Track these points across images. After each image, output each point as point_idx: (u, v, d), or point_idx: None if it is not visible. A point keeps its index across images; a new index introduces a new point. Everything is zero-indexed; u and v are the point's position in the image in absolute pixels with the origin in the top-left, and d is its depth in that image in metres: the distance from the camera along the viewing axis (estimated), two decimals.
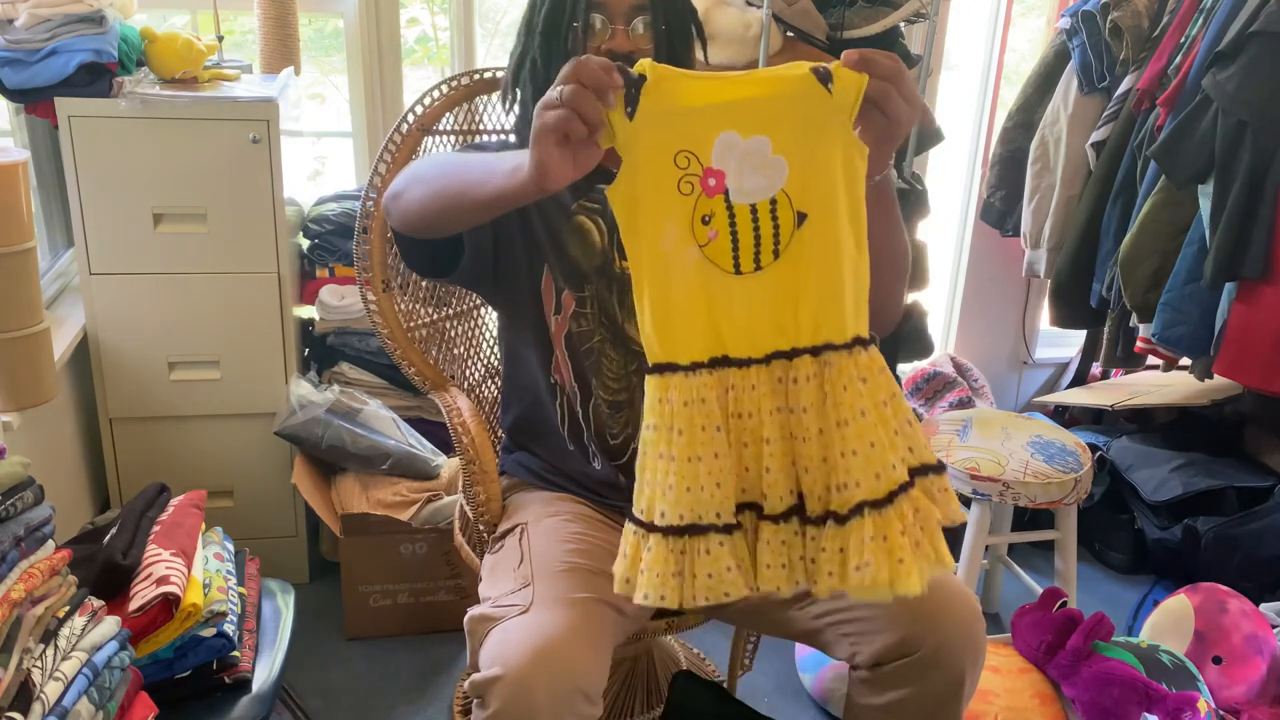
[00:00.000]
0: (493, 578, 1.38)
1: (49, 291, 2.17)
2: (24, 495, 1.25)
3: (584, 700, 1.17)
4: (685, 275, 1.10)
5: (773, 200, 1.09)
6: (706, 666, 2.08)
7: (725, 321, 1.10)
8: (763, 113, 1.07)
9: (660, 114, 1.04)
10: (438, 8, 3.02)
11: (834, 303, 1.10)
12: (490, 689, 1.16)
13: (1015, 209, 2.76)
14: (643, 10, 1.35)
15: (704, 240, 1.09)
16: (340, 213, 2.33)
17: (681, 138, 1.06)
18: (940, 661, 1.29)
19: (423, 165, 1.33)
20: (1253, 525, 2.35)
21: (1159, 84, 2.30)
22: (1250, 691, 1.92)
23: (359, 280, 1.64)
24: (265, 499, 2.26)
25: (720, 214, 1.09)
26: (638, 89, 1.03)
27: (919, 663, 1.29)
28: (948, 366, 2.86)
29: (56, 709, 1.19)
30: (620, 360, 1.45)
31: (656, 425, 1.11)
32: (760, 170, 1.08)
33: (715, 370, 1.11)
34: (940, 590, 1.33)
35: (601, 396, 1.46)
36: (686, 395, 1.10)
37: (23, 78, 1.89)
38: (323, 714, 1.96)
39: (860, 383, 1.08)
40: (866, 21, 2.21)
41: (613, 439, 1.48)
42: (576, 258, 1.43)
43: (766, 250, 1.10)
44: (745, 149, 1.07)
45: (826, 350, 1.10)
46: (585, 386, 1.47)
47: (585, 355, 1.45)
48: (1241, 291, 2.08)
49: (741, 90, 1.06)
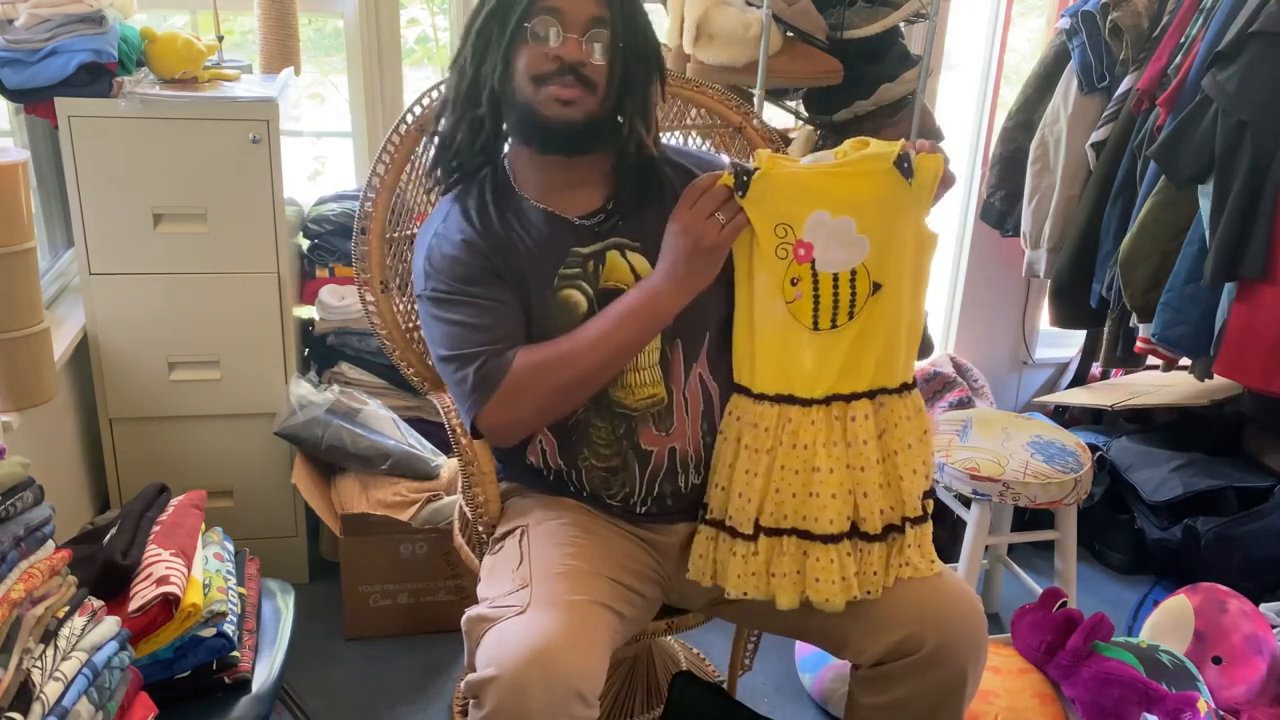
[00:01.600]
0: (491, 579, 1.37)
1: (49, 291, 2.17)
2: (24, 495, 1.25)
3: (579, 702, 1.17)
4: (769, 323, 1.34)
5: (853, 271, 1.31)
6: (706, 666, 2.08)
7: (794, 368, 1.34)
8: (851, 197, 1.29)
9: (767, 192, 1.29)
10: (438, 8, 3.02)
11: (892, 356, 1.35)
12: (486, 689, 1.17)
13: (1015, 209, 2.76)
14: (601, 24, 1.29)
15: (790, 298, 1.33)
16: (340, 213, 2.33)
17: (782, 212, 1.30)
18: (942, 660, 1.30)
19: (548, 380, 1.33)
20: (1253, 525, 2.35)
21: (1159, 84, 2.30)
22: (1250, 691, 1.92)
23: (357, 281, 1.64)
24: (265, 499, 2.26)
25: (806, 279, 1.32)
26: (749, 176, 1.28)
27: (921, 662, 1.30)
28: (948, 366, 2.86)
29: (56, 709, 1.19)
30: (608, 426, 1.41)
31: (725, 435, 1.39)
32: (844, 246, 1.30)
33: (778, 404, 1.35)
34: (943, 590, 1.34)
35: (594, 464, 1.43)
36: (749, 418, 1.35)
37: (23, 78, 1.89)
38: (323, 714, 1.96)
39: (907, 420, 1.35)
40: (866, 21, 2.21)
41: (610, 498, 1.45)
42: (563, 331, 1.38)
43: (843, 312, 1.33)
44: (833, 227, 1.30)
45: (881, 394, 1.35)
46: (572, 459, 1.44)
47: (570, 430, 1.42)
48: (1241, 291, 2.08)
49: (835, 178, 1.29)
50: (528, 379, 1.33)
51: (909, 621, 1.31)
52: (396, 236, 1.66)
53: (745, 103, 1.79)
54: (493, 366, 1.33)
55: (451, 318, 1.36)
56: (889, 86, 2.25)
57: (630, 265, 1.39)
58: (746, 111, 1.78)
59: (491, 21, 1.31)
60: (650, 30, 1.36)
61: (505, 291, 1.37)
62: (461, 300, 1.36)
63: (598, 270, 1.38)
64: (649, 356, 1.38)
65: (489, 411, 1.35)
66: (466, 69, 1.34)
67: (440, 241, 1.38)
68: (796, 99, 2.44)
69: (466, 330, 1.35)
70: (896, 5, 2.24)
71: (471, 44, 1.33)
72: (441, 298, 1.37)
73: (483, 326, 1.35)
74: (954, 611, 1.32)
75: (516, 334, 1.37)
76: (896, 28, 2.27)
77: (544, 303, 1.38)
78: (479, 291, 1.36)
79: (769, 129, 1.82)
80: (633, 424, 1.40)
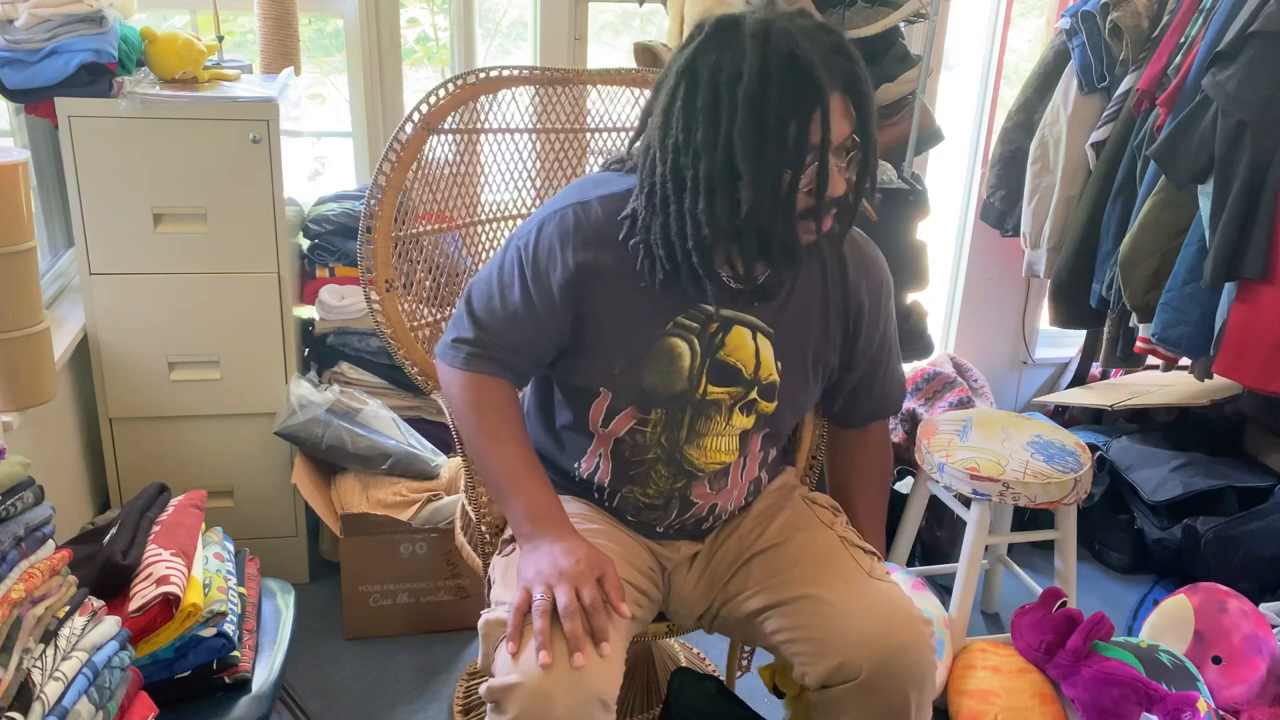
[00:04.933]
0: (506, 581, 1.35)
1: (49, 291, 2.17)
2: (24, 495, 1.25)
3: (601, 708, 1.17)
4: None
5: None
6: (706, 666, 2.08)
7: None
8: None
9: None
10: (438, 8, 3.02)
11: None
12: (508, 696, 1.16)
13: (1015, 209, 2.76)
14: (854, 145, 1.20)
15: None
16: (340, 213, 2.33)
17: None
18: (879, 686, 1.28)
19: (466, 430, 1.38)
20: (1252, 525, 2.35)
21: (1159, 84, 2.30)
22: (1250, 691, 1.92)
23: (362, 280, 1.64)
24: (265, 499, 2.26)
25: None
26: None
27: (860, 688, 1.28)
28: (948, 366, 2.86)
29: (56, 709, 1.19)
30: (669, 476, 1.41)
31: None
32: None
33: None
34: (881, 613, 1.31)
35: (638, 499, 1.43)
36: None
37: (23, 78, 1.89)
38: (323, 714, 1.96)
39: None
40: (867, 21, 2.21)
41: (631, 517, 1.46)
42: (653, 384, 1.34)
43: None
44: None
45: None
46: (618, 488, 1.44)
47: (633, 465, 1.41)
48: (1241, 291, 2.08)
49: None
50: (468, 408, 1.37)
51: (847, 646, 1.28)
52: (402, 236, 1.66)
53: None
54: (486, 354, 1.37)
55: (506, 283, 1.34)
56: (889, 86, 2.25)
57: (756, 349, 1.36)
58: None
59: (754, 131, 1.14)
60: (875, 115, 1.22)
61: (565, 313, 1.33)
62: (524, 285, 1.33)
63: (721, 338, 1.34)
64: (733, 427, 1.39)
65: (444, 371, 1.41)
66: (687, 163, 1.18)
67: (565, 221, 1.30)
68: None
69: (505, 310, 1.35)
70: (896, 5, 2.24)
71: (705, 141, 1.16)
72: (521, 263, 1.33)
73: (517, 322, 1.35)
74: (892, 635, 1.29)
75: (531, 351, 1.37)
76: (896, 28, 2.27)
77: (637, 354, 1.33)
78: (540, 295, 1.32)
79: None
80: (692, 480, 1.41)
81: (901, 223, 2.21)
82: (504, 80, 1.72)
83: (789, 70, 1.13)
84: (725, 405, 1.37)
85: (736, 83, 1.13)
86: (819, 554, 1.40)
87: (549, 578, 1.20)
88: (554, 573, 1.21)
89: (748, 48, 1.14)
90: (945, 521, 2.40)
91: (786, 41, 1.13)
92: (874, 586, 1.35)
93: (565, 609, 1.17)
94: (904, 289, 2.30)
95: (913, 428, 2.58)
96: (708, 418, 1.37)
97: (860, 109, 1.19)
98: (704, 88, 1.16)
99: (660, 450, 1.39)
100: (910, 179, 2.26)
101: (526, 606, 1.19)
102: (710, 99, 1.15)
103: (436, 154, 1.71)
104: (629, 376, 1.34)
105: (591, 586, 1.20)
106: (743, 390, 1.37)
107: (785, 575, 1.38)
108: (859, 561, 1.39)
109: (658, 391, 1.35)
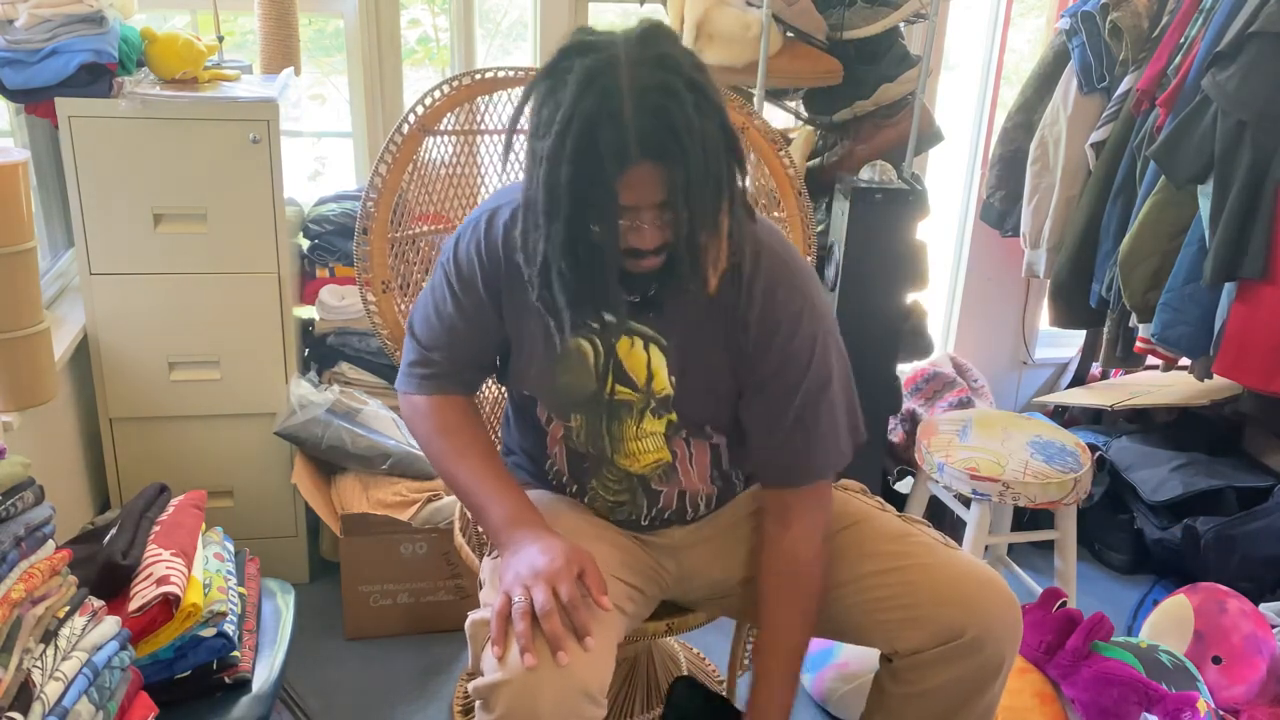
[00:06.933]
0: (493, 583, 1.36)
1: (49, 291, 2.17)
2: (24, 495, 1.25)
3: (588, 701, 1.17)
4: None
5: None
6: (706, 666, 2.08)
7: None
8: None
9: None
10: (438, 8, 3.02)
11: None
12: (495, 693, 1.16)
13: (1015, 209, 2.76)
14: (667, 206, 1.14)
15: None
16: (340, 213, 2.33)
17: None
18: (982, 647, 1.31)
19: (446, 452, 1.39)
20: (1252, 525, 2.35)
21: (1158, 84, 2.30)
22: (1250, 691, 1.92)
23: (359, 281, 1.64)
24: (265, 499, 2.26)
25: None
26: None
27: (961, 648, 1.31)
28: (947, 366, 2.86)
29: (56, 709, 1.20)
30: (617, 475, 1.43)
31: None
32: None
33: None
34: (977, 578, 1.35)
35: (602, 495, 1.45)
36: None
37: (23, 78, 1.89)
38: (323, 714, 1.96)
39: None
40: (866, 21, 2.21)
41: (614, 519, 1.47)
42: (566, 386, 1.36)
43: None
44: None
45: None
46: (582, 486, 1.46)
47: (582, 459, 1.44)
48: (1241, 291, 2.08)
49: None
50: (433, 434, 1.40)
51: (949, 610, 1.31)
52: (398, 237, 1.66)
53: (746, 103, 1.80)
54: (434, 372, 1.41)
55: (439, 299, 1.40)
56: (889, 86, 2.25)
57: (648, 359, 1.34)
58: (749, 112, 1.78)
59: (548, 183, 1.13)
60: (715, 161, 1.13)
61: (494, 313, 1.37)
62: (454, 296, 1.38)
63: (615, 341, 1.34)
64: (645, 430, 1.38)
65: (403, 401, 1.45)
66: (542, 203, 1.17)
67: (478, 229, 1.36)
68: (796, 99, 2.44)
69: (442, 325, 1.40)
70: (896, 5, 2.24)
71: (527, 173, 1.18)
72: (448, 277, 1.39)
73: (456, 334, 1.39)
74: (990, 598, 1.33)
75: (476, 358, 1.42)
76: (896, 28, 2.27)
77: (549, 360, 1.35)
78: (470, 300, 1.37)
79: (770, 129, 1.82)
80: (642, 476, 1.43)
81: (901, 223, 2.21)
82: (500, 81, 1.72)
83: (588, 136, 1.07)
84: (636, 407, 1.37)
85: (548, 130, 1.10)
86: (892, 531, 1.42)
87: (526, 579, 1.21)
88: (530, 574, 1.21)
89: (566, 96, 1.09)
90: (945, 522, 2.40)
91: (603, 103, 1.07)
92: (957, 554, 1.38)
93: (542, 609, 1.18)
94: (904, 289, 2.31)
95: (913, 428, 2.58)
96: (620, 421, 1.38)
97: (675, 178, 1.10)
98: (531, 118, 1.15)
99: (591, 454, 1.42)
100: (910, 179, 2.26)
101: (507, 610, 1.20)
102: (530, 135, 1.15)
103: (433, 155, 1.71)
104: (545, 379, 1.37)
105: (569, 583, 1.20)
106: (642, 397, 1.37)
107: (860, 550, 1.39)
108: (930, 534, 1.42)
109: (574, 391, 1.37)
